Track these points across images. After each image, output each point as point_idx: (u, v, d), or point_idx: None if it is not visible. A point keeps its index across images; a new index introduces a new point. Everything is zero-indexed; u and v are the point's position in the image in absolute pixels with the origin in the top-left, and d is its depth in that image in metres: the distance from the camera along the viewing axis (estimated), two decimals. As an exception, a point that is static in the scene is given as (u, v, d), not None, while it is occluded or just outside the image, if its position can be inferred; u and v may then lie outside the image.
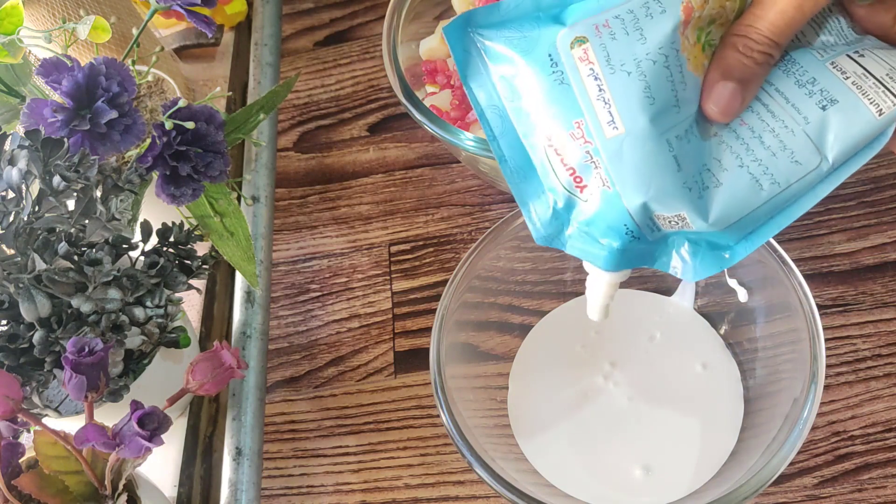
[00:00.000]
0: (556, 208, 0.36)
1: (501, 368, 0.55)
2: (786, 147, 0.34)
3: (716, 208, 0.34)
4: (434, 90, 0.62)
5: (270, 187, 0.71)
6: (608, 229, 0.35)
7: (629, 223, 0.35)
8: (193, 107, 0.52)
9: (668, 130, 0.33)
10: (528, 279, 0.57)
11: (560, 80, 0.33)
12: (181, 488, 0.57)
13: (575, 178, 0.35)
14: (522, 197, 0.36)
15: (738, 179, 0.34)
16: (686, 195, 0.34)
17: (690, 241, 0.35)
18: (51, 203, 0.46)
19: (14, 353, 0.45)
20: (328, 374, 0.62)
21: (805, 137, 0.34)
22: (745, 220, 0.35)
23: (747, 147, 0.34)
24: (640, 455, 0.50)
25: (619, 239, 0.35)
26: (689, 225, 0.34)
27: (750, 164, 0.34)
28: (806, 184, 0.34)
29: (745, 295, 0.52)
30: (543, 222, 0.36)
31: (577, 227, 0.36)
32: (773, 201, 0.34)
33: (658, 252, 0.36)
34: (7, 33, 0.53)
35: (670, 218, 0.34)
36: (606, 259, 0.36)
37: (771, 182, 0.34)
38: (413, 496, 0.56)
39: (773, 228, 0.35)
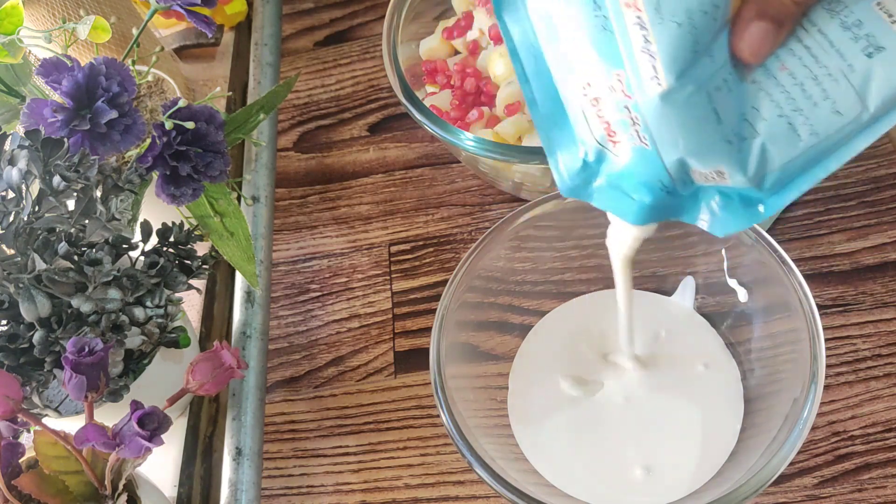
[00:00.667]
0: (585, 160, 0.34)
1: (501, 368, 0.55)
2: (828, 96, 0.31)
3: (753, 161, 0.32)
4: (434, 90, 0.62)
5: (270, 187, 0.71)
6: (641, 185, 0.33)
7: (665, 179, 0.33)
8: (193, 107, 0.52)
9: (707, 82, 0.31)
10: (528, 279, 0.57)
11: (603, 26, 0.31)
12: (181, 488, 0.57)
13: (609, 132, 0.32)
14: (550, 144, 0.34)
15: (776, 129, 0.32)
16: (726, 149, 0.32)
17: (722, 193, 0.33)
18: (51, 203, 0.46)
19: (14, 353, 0.45)
20: (328, 374, 0.62)
21: (848, 86, 0.31)
22: (780, 172, 0.33)
23: (788, 95, 0.32)
24: (641, 455, 0.50)
25: (652, 194, 0.33)
26: (726, 180, 0.33)
27: (790, 113, 0.32)
28: (844, 134, 0.32)
29: (745, 295, 0.52)
30: (571, 173, 0.34)
31: (607, 179, 0.34)
32: (810, 152, 0.33)
33: (687, 204, 0.34)
34: (7, 33, 0.53)
35: (707, 173, 0.33)
36: (637, 213, 0.34)
37: (810, 132, 0.32)
38: (413, 496, 0.56)
39: (808, 181, 0.33)
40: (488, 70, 0.60)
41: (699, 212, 0.34)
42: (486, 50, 0.61)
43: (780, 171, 0.33)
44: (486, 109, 0.59)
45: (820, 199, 0.61)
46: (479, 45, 0.62)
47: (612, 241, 0.39)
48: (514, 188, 0.62)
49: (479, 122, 0.58)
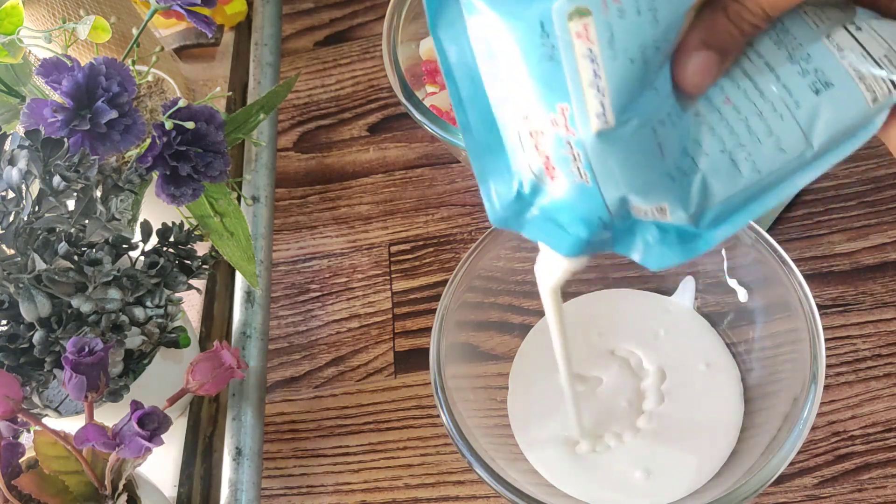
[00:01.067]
0: (520, 191, 0.32)
1: (501, 368, 0.55)
2: (772, 132, 0.30)
3: (694, 197, 0.31)
4: (434, 90, 0.62)
5: (270, 187, 0.71)
6: (578, 219, 0.32)
7: (604, 215, 0.31)
8: (193, 107, 0.52)
9: (652, 116, 0.29)
10: (528, 279, 0.57)
11: (549, 56, 0.29)
12: (181, 488, 0.57)
13: (547, 166, 0.31)
14: (483, 172, 0.32)
15: (718, 165, 0.31)
16: (669, 186, 0.31)
17: (659, 227, 0.32)
18: (51, 203, 0.46)
19: (14, 353, 0.45)
20: (328, 374, 0.62)
21: (794, 123, 0.30)
22: (719, 208, 0.32)
23: (731, 130, 0.30)
24: (642, 457, 0.50)
25: (589, 229, 0.32)
26: (667, 216, 0.32)
27: (732, 148, 0.30)
28: (786, 171, 0.31)
29: (745, 295, 0.52)
30: (503, 203, 0.33)
31: (541, 211, 0.33)
32: (750, 188, 0.31)
33: (622, 237, 0.33)
34: (7, 33, 0.53)
35: (648, 209, 0.31)
36: (572, 246, 0.32)
37: (752, 169, 0.31)
38: (413, 496, 0.56)
39: (745, 217, 0.32)
40: (488, 70, 0.60)
41: (634, 245, 0.33)
42: (486, 50, 0.61)
43: (720, 206, 0.32)
44: (486, 109, 0.59)
45: (820, 199, 0.61)
46: (479, 45, 0.61)
47: (540, 271, 0.39)
48: (514, 188, 0.62)
49: (479, 122, 0.58)
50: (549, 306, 0.43)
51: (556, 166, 0.31)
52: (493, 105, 0.31)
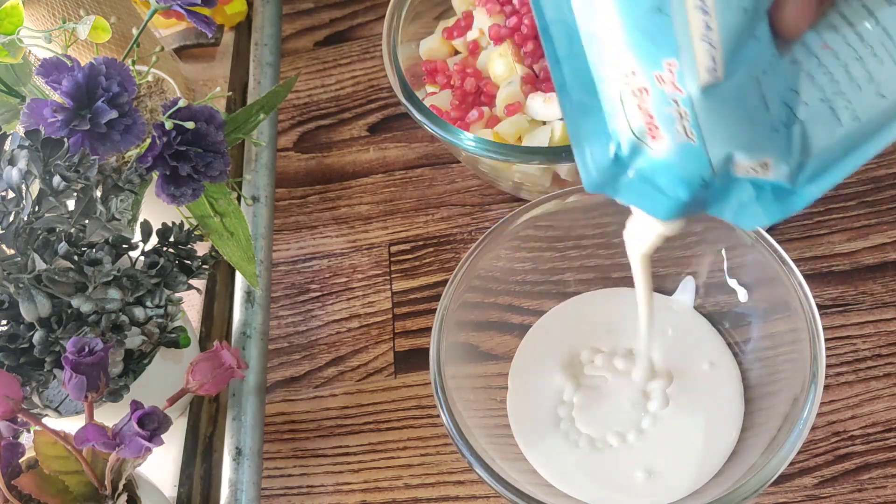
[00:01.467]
0: (618, 153, 0.31)
1: (501, 368, 0.55)
2: (872, 78, 0.29)
3: (795, 150, 0.30)
4: (434, 90, 0.62)
5: (270, 187, 0.71)
6: (679, 181, 0.30)
7: (707, 174, 0.30)
8: (193, 107, 0.52)
9: (755, 66, 0.28)
10: (528, 279, 0.57)
11: (658, 8, 0.27)
12: (181, 488, 0.57)
13: (650, 126, 0.29)
14: (578, 136, 0.31)
15: (818, 114, 0.29)
16: (774, 139, 0.29)
17: (755, 185, 0.31)
18: (51, 203, 0.46)
19: (14, 353, 0.45)
20: (328, 374, 0.62)
21: (892, 62, 0.29)
22: (815, 162, 0.30)
23: (831, 77, 0.29)
24: (644, 457, 0.50)
25: (690, 190, 0.30)
26: (769, 172, 0.30)
27: (832, 96, 0.29)
28: (884, 119, 0.30)
29: (745, 295, 0.52)
30: (600, 168, 0.31)
31: (638, 174, 0.31)
32: (847, 141, 0.30)
33: (717, 197, 0.31)
34: (7, 33, 0.53)
35: (751, 166, 0.30)
36: (669, 209, 0.31)
37: (852, 117, 0.29)
38: (413, 496, 0.56)
39: (843, 171, 0.30)
40: (488, 70, 0.60)
41: (728, 205, 0.31)
42: (486, 50, 0.61)
43: (817, 159, 0.30)
44: (486, 109, 0.59)
45: (820, 199, 0.61)
46: (479, 45, 0.62)
47: (631, 238, 0.37)
48: (514, 188, 0.62)
49: (479, 122, 0.58)
50: (639, 273, 0.40)
51: (659, 126, 0.29)
52: (593, 64, 0.29)
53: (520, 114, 0.56)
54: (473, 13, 0.62)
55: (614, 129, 0.30)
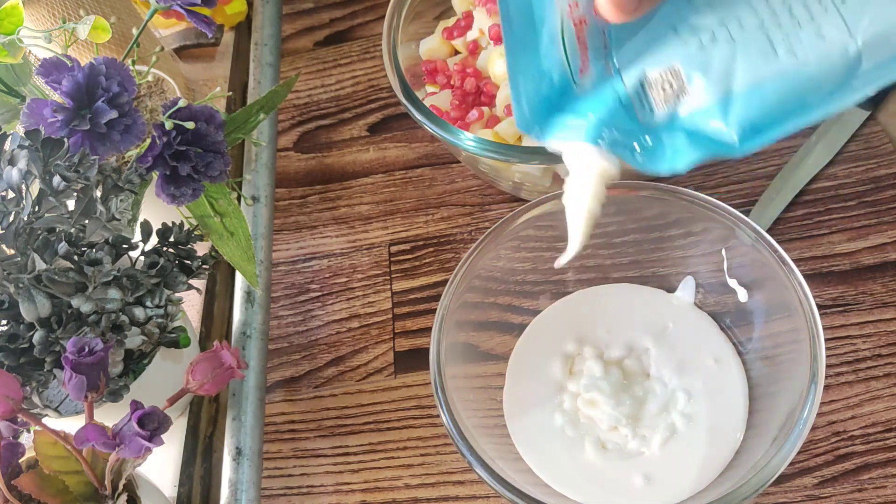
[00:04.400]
0: (549, 92, 0.32)
1: (501, 368, 0.55)
2: (814, 18, 0.30)
3: (718, 61, 0.31)
4: (434, 90, 0.62)
5: (270, 187, 0.71)
6: (597, 102, 0.32)
7: (619, 89, 0.32)
8: (193, 107, 0.52)
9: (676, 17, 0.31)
10: (528, 279, 0.57)
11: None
12: (181, 488, 0.57)
13: (583, 58, 0.32)
14: (515, 69, 0.32)
15: (752, 39, 0.31)
16: (681, 49, 0.31)
17: (688, 132, 0.32)
18: (51, 203, 0.46)
19: (14, 353, 0.45)
20: (328, 374, 0.62)
21: (837, 13, 0.30)
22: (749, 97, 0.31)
23: (773, 11, 0.31)
24: (645, 459, 0.50)
25: (606, 106, 0.32)
26: (685, 86, 0.31)
27: (770, 27, 0.30)
28: (827, 71, 0.30)
29: (745, 295, 0.52)
30: (531, 104, 0.33)
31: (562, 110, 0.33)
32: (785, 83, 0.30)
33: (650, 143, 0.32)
34: (7, 33, 0.53)
35: (663, 80, 0.31)
36: (590, 129, 0.32)
37: (787, 50, 0.30)
38: (413, 496, 0.56)
39: (784, 126, 0.31)
40: (488, 70, 0.60)
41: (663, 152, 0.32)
42: (486, 50, 0.61)
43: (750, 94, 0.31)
44: (486, 109, 0.59)
45: (820, 199, 0.61)
46: (479, 45, 0.62)
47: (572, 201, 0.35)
48: (514, 188, 0.62)
49: (479, 122, 0.58)
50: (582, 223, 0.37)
51: (589, 57, 0.32)
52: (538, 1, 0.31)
53: (520, 114, 0.56)
54: (473, 13, 0.62)
55: (549, 68, 0.32)
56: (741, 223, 0.49)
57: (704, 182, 0.63)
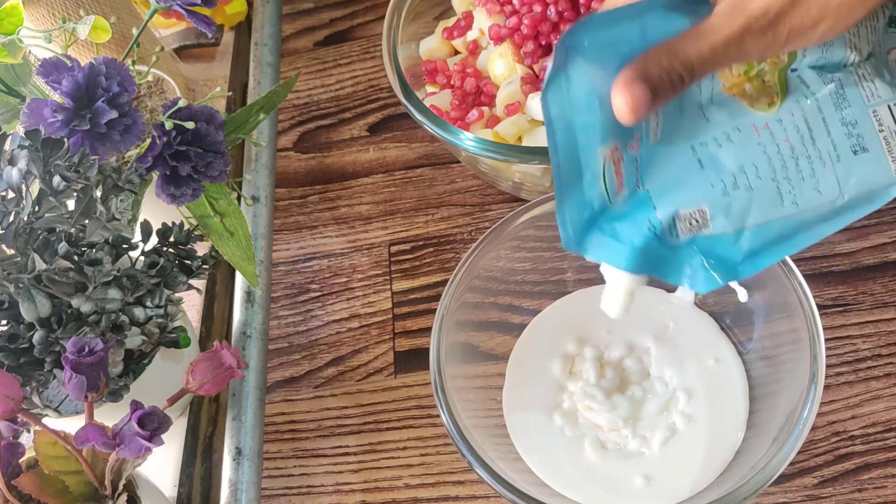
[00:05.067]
0: (591, 215, 0.38)
1: (501, 368, 0.55)
2: (815, 175, 0.37)
3: (737, 206, 0.37)
4: (434, 90, 0.62)
5: (270, 187, 0.71)
6: (633, 227, 0.38)
7: (653, 219, 0.38)
8: (193, 107, 0.52)
9: (694, 140, 0.38)
10: (528, 279, 0.57)
11: None
12: (181, 488, 0.57)
13: (619, 184, 0.38)
14: (562, 201, 0.38)
15: (766, 189, 0.37)
16: (709, 191, 0.37)
17: (703, 253, 0.38)
18: (51, 203, 0.46)
19: (14, 353, 0.45)
20: (328, 374, 0.62)
21: (833, 172, 0.37)
22: (756, 234, 0.38)
23: (784, 164, 0.37)
24: (646, 460, 0.50)
25: (641, 235, 0.38)
26: (708, 223, 0.38)
27: (781, 179, 0.37)
28: (817, 215, 0.38)
29: (745, 295, 0.52)
30: (575, 227, 0.38)
31: (602, 229, 0.38)
32: (785, 223, 0.38)
33: (674, 263, 0.39)
34: (7, 33, 0.53)
35: (692, 217, 0.38)
36: (627, 257, 0.38)
37: (792, 201, 0.37)
38: (413, 496, 0.56)
39: (778, 253, 0.38)
40: (488, 70, 0.60)
41: (683, 271, 0.39)
42: (486, 50, 0.61)
43: (757, 231, 0.38)
44: (486, 109, 0.59)
45: (820, 199, 0.61)
46: (479, 45, 0.62)
47: (606, 305, 0.42)
48: (514, 188, 0.62)
49: (479, 122, 0.58)
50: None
51: (625, 183, 0.38)
52: (582, 146, 0.37)
53: (520, 114, 0.56)
54: (473, 13, 0.62)
55: (591, 196, 0.38)
56: (741, 223, 0.49)
57: (704, 182, 0.63)
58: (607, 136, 0.37)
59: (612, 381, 0.52)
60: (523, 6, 0.58)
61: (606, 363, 0.54)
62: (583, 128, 0.37)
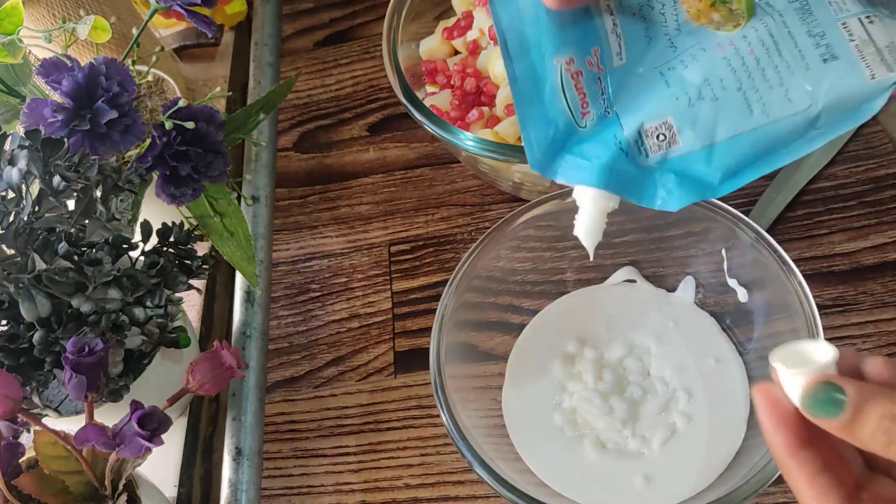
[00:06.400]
0: (555, 135, 0.38)
1: (501, 368, 0.55)
2: (783, 83, 0.36)
3: (704, 117, 0.37)
4: (434, 90, 0.62)
5: (270, 187, 0.71)
6: (600, 145, 0.38)
7: (619, 135, 0.37)
8: (193, 107, 0.52)
9: (661, 65, 0.38)
10: (528, 279, 0.57)
11: (585, 10, 0.38)
12: (181, 488, 0.57)
13: (582, 103, 0.38)
14: (524, 121, 0.38)
15: (732, 99, 0.37)
16: (673, 104, 0.37)
17: (676, 174, 0.38)
18: (51, 203, 0.46)
19: (14, 353, 0.45)
20: (328, 374, 0.62)
21: (803, 80, 0.36)
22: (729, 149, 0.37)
23: (749, 74, 0.36)
24: (647, 461, 0.50)
25: (609, 151, 0.37)
26: (676, 137, 0.37)
27: (748, 89, 0.36)
28: (792, 127, 0.36)
29: (745, 295, 0.52)
30: (541, 146, 0.38)
31: (570, 151, 0.38)
32: (759, 138, 0.37)
33: (647, 184, 0.38)
34: (7, 33, 0.53)
35: (658, 131, 0.37)
36: (595, 173, 0.37)
37: (762, 111, 0.36)
38: (413, 496, 0.56)
39: (756, 171, 0.37)
40: (488, 70, 0.60)
41: (656, 193, 0.38)
42: (486, 50, 0.61)
43: (729, 146, 0.37)
44: (486, 109, 0.59)
45: (820, 199, 0.61)
46: (479, 45, 0.62)
47: (580, 229, 0.41)
48: (514, 188, 0.62)
49: (479, 122, 0.58)
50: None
51: (588, 101, 0.38)
52: (538, 57, 0.38)
53: (520, 114, 0.56)
54: (473, 13, 0.62)
55: (553, 114, 0.38)
56: (741, 223, 0.49)
57: (704, 182, 0.63)
58: (560, 46, 0.37)
59: (609, 384, 0.52)
60: (523, 6, 0.58)
61: (606, 364, 0.54)
62: (534, 37, 0.37)
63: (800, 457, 0.30)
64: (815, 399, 0.29)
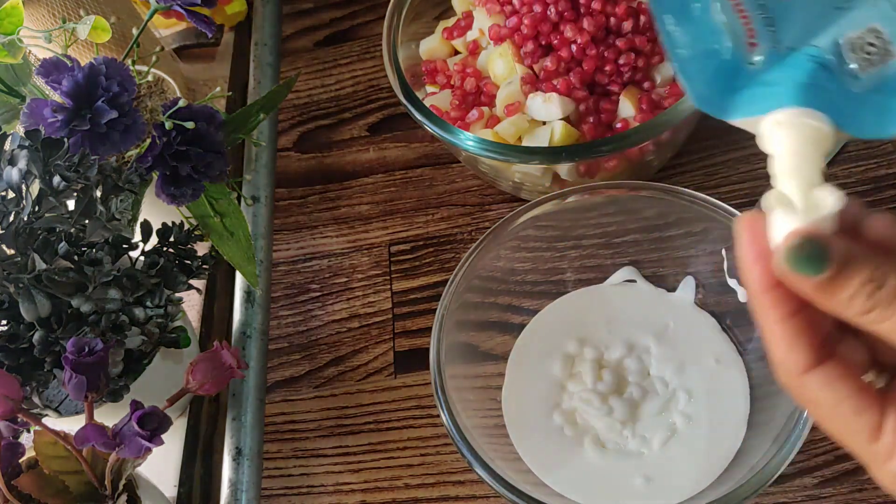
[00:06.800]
0: (720, 67, 0.31)
1: (501, 368, 0.55)
2: None
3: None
4: (434, 90, 0.62)
5: (270, 187, 0.71)
6: (788, 68, 0.30)
7: (812, 51, 0.30)
8: (193, 107, 0.52)
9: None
10: (528, 279, 0.57)
11: None
12: (181, 488, 0.57)
13: (749, 34, 0.31)
14: (673, 44, 0.31)
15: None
16: (870, 7, 0.30)
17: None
18: (51, 203, 0.46)
19: (14, 353, 0.45)
20: (328, 374, 0.62)
21: None
22: None
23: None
24: (647, 461, 0.50)
25: (803, 70, 0.29)
26: (890, 47, 0.29)
27: None
28: None
29: (745, 295, 0.52)
30: (706, 78, 0.31)
31: (747, 86, 0.30)
32: None
33: (865, 104, 0.29)
34: (7, 33, 0.53)
35: (862, 40, 0.30)
36: (791, 92, 0.29)
37: None
38: (413, 496, 0.56)
39: None
40: (488, 70, 0.60)
41: (864, 116, 0.29)
42: (486, 50, 0.61)
43: None
44: (486, 109, 0.59)
45: (820, 199, 0.61)
46: (479, 45, 0.62)
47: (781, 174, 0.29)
48: (514, 188, 0.62)
49: (479, 122, 0.58)
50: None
51: (756, 35, 0.31)
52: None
53: (520, 114, 0.56)
54: (473, 13, 0.62)
55: (711, 37, 0.31)
56: (741, 223, 0.49)
57: (704, 182, 0.63)
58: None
59: (609, 384, 0.52)
60: (523, 6, 0.58)
61: (606, 364, 0.54)
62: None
63: (776, 293, 0.27)
64: (795, 255, 0.26)
